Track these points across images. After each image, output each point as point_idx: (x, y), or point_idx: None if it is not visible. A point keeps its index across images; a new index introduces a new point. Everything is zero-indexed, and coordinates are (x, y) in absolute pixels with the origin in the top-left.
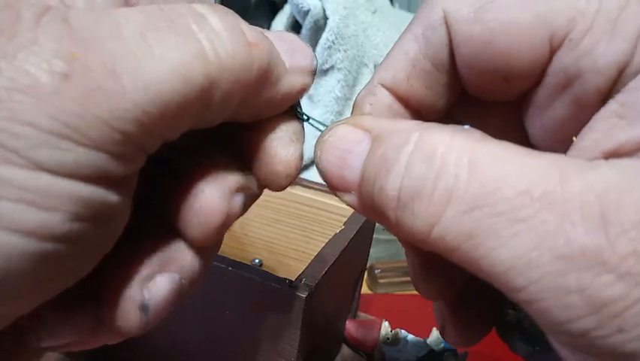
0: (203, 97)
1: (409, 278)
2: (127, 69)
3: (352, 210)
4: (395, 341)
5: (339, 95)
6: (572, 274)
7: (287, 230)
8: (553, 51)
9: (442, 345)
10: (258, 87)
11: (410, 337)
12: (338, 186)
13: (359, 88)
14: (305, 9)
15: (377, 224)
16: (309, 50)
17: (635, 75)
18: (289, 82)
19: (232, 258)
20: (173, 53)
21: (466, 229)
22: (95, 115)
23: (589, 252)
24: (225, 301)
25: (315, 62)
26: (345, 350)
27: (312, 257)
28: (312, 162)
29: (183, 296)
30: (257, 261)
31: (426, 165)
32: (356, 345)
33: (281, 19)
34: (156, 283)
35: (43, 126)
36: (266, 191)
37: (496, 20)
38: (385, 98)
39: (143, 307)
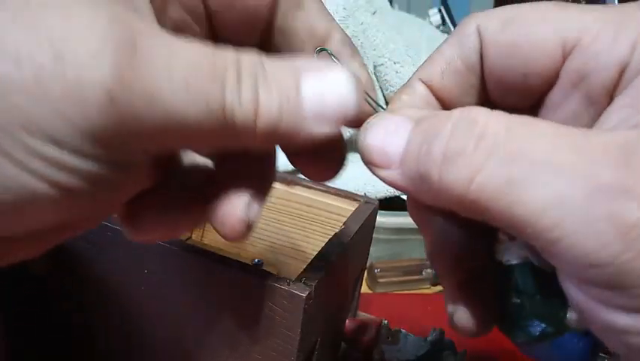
0: (210, 136)
1: (408, 278)
2: (162, 102)
3: (352, 211)
4: (394, 339)
5: None
6: (601, 205)
7: (287, 230)
8: (565, 56)
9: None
10: (270, 139)
11: (410, 336)
12: (379, 162)
13: None
14: None
15: (376, 224)
16: (347, 96)
17: (635, 73)
18: (313, 131)
19: (232, 258)
20: (201, 104)
21: (504, 179)
22: (118, 126)
23: (615, 185)
24: (225, 301)
25: (351, 109)
26: (345, 349)
27: (312, 257)
28: None
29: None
30: (257, 261)
31: (469, 129)
32: (355, 344)
33: None
34: (254, 207)
35: (75, 124)
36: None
37: (519, 31)
38: (422, 90)
39: (247, 224)
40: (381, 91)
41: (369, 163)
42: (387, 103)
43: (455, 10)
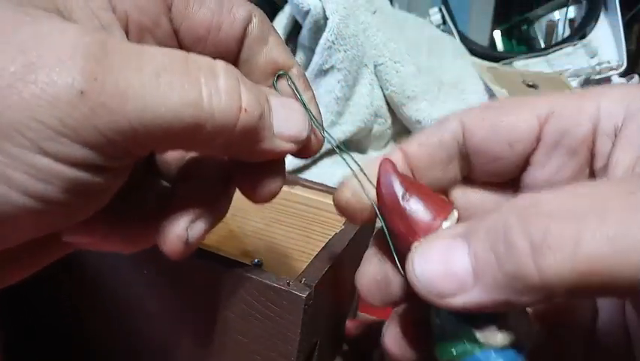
0: (188, 132)
1: None
2: (134, 97)
3: None
4: None
5: (339, 95)
6: None
7: (287, 230)
8: (542, 125)
9: None
10: (241, 141)
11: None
12: (450, 289)
13: (359, 88)
14: (305, 9)
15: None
16: (304, 122)
17: (607, 126)
18: (273, 144)
19: (232, 258)
20: (175, 96)
21: (605, 237)
22: (94, 125)
23: None
24: (225, 301)
25: (304, 134)
26: (345, 349)
27: (312, 257)
28: (312, 163)
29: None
30: (257, 261)
31: (533, 212)
32: (356, 345)
33: (281, 20)
34: (196, 227)
35: (52, 126)
36: None
37: (499, 114)
38: (399, 157)
39: (186, 242)
40: (382, 90)
41: (436, 296)
42: (387, 103)
43: (456, 10)
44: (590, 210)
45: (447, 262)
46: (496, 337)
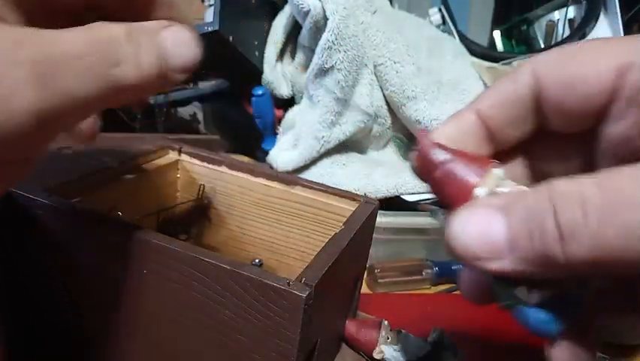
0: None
1: (409, 278)
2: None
3: (352, 210)
4: (395, 340)
5: (339, 95)
6: None
7: (287, 230)
8: (619, 76)
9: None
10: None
11: (410, 336)
12: (484, 254)
13: (359, 88)
14: (305, 10)
15: (377, 224)
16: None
17: None
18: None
19: (232, 257)
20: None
21: (623, 230)
22: None
23: None
24: (225, 301)
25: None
26: (345, 349)
27: (312, 257)
28: (312, 163)
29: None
30: (257, 261)
31: (568, 200)
32: (356, 345)
33: (281, 20)
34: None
35: None
36: (265, 191)
37: (575, 63)
38: (471, 118)
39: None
40: (382, 91)
41: (471, 258)
42: (387, 103)
43: (455, 10)
44: (615, 200)
45: (485, 230)
46: (528, 296)
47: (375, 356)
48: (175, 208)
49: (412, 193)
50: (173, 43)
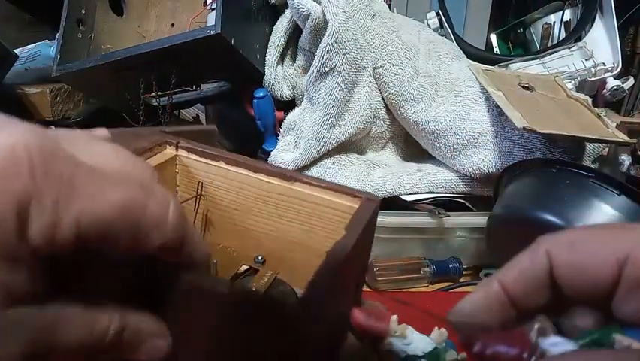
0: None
1: (407, 276)
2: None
3: (354, 207)
4: (403, 334)
5: (338, 97)
6: None
7: (289, 224)
8: (621, 266)
9: (444, 344)
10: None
11: (415, 333)
12: None
13: (358, 91)
14: (305, 13)
15: (377, 224)
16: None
17: None
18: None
19: (233, 250)
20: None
21: None
22: None
23: None
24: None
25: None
26: (351, 340)
27: (315, 250)
28: (312, 164)
29: None
30: (260, 258)
31: None
32: (365, 335)
33: (282, 23)
34: None
35: None
36: (265, 187)
37: (583, 254)
38: (497, 288)
39: None
40: (380, 92)
41: None
42: (385, 104)
43: (453, 13)
44: None
45: None
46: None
47: (384, 348)
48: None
49: (410, 193)
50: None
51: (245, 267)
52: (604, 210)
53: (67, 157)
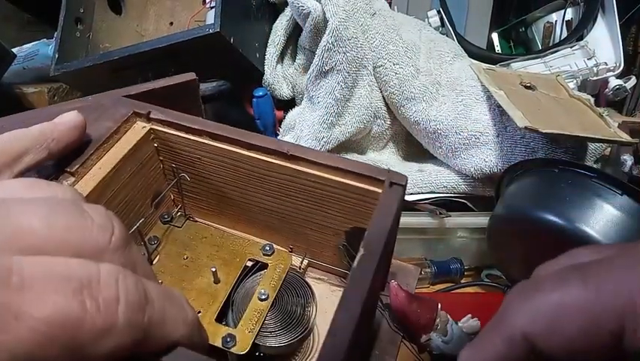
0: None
1: None
2: None
3: (373, 191)
4: (444, 330)
5: (338, 96)
6: None
7: (299, 204)
8: (617, 336)
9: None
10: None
11: (456, 327)
12: None
13: (358, 90)
14: (305, 12)
15: None
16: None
17: None
18: None
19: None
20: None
21: None
22: None
23: None
24: None
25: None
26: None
27: (330, 229)
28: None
29: None
30: (268, 248)
31: None
32: (405, 322)
33: (281, 22)
34: None
35: None
36: (263, 166)
37: (569, 329)
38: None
39: None
40: (381, 92)
41: None
42: (386, 104)
43: (454, 12)
44: None
45: None
46: None
47: (422, 340)
48: (168, 193)
49: (411, 193)
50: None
51: (250, 262)
52: (606, 211)
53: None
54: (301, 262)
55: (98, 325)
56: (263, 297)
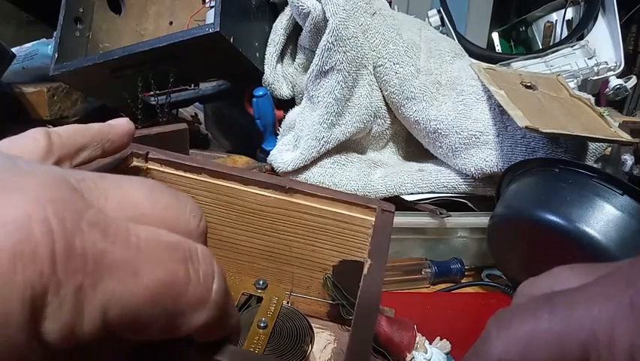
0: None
1: (408, 277)
2: None
3: (365, 219)
4: (424, 348)
5: (338, 96)
6: None
7: (288, 239)
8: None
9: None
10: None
11: (434, 348)
12: None
13: (358, 89)
14: (305, 11)
15: None
16: None
17: None
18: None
19: (227, 273)
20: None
21: None
22: None
23: None
24: None
25: None
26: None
27: (318, 265)
28: (312, 163)
29: None
30: (262, 283)
31: None
32: (389, 345)
33: (281, 21)
34: None
35: None
36: (259, 200)
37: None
38: None
39: None
40: (381, 91)
41: None
42: (386, 103)
43: (454, 12)
44: None
45: None
46: None
47: (407, 360)
48: None
49: (411, 193)
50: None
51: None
52: (606, 210)
53: (94, 222)
54: (288, 301)
55: (197, 295)
56: (262, 325)
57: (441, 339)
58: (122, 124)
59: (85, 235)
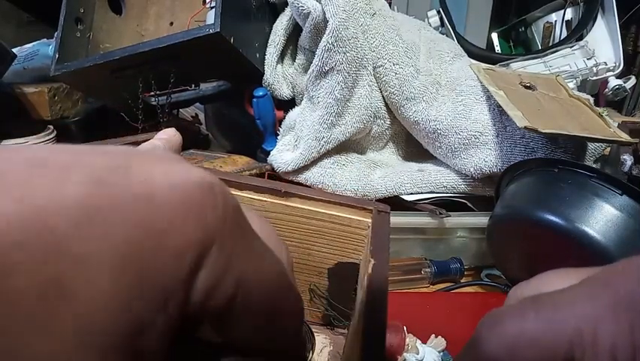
0: None
1: (408, 276)
2: None
3: (361, 220)
4: (415, 349)
5: (338, 96)
6: None
7: (285, 243)
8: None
9: (442, 354)
10: None
11: (426, 347)
12: None
13: (358, 90)
14: (305, 12)
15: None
16: None
17: None
18: None
19: None
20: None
21: None
22: None
23: None
24: None
25: None
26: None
27: (314, 269)
28: (312, 163)
29: None
30: None
31: None
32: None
33: (281, 22)
34: None
35: None
36: (258, 205)
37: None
38: None
39: None
40: (380, 92)
41: None
42: (386, 104)
43: (454, 12)
44: None
45: None
46: None
47: None
48: None
49: (411, 193)
50: None
51: None
52: (605, 210)
53: (241, 209)
54: None
55: (291, 302)
56: None
57: (436, 337)
58: (177, 134)
59: (239, 210)
